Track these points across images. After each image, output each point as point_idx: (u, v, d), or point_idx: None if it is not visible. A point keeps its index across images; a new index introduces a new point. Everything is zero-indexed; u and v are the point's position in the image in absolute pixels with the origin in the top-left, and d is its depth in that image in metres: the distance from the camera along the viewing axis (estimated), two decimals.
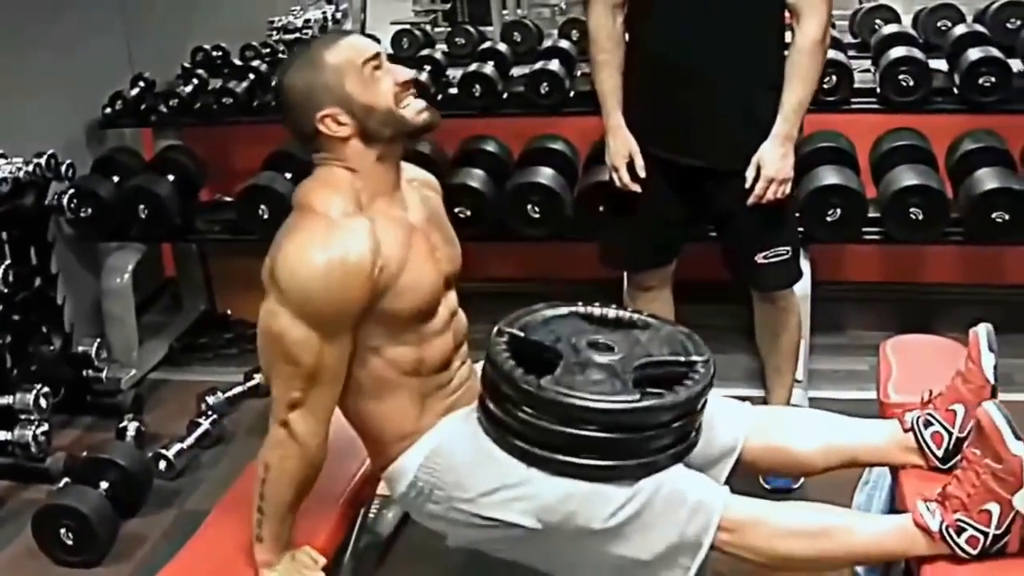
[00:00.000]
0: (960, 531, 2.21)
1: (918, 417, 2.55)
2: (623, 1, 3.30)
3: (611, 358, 2.37)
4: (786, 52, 3.25)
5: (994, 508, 2.18)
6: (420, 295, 2.36)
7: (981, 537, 2.19)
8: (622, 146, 3.35)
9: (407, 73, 2.38)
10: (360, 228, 2.25)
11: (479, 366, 2.50)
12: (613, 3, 3.30)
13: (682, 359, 2.43)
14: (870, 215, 4.19)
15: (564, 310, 2.57)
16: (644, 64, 3.31)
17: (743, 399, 2.82)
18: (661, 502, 2.29)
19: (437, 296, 2.42)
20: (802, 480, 3.47)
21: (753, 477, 3.29)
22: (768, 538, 2.33)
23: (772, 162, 3.21)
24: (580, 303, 2.61)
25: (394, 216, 2.36)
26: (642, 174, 3.33)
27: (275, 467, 2.30)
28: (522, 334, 2.44)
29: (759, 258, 3.41)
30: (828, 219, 4.11)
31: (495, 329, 2.45)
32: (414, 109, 2.36)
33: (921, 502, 2.28)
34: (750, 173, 3.22)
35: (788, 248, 3.43)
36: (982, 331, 2.54)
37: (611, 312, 2.60)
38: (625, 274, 3.71)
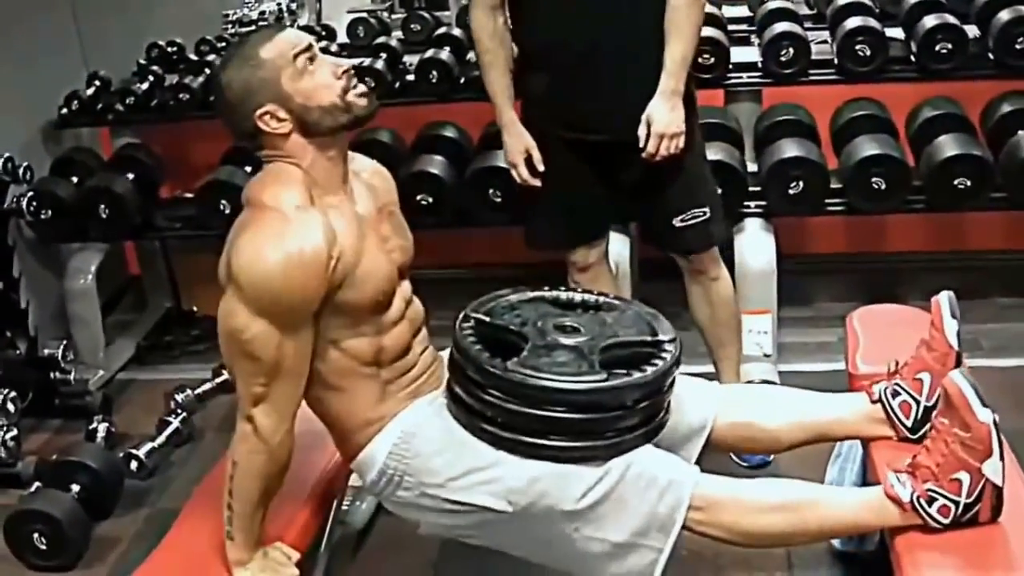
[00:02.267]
0: (931, 501, 2.21)
1: (885, 388, 2.55)
2: (500, 2, 3.32)
3: (577, 340, 2.37)
4: None
5: (964, 477, 2.18)
6: (376, 286, 2.35)
7: (952, 506, 2.20)
8: (518, 142, 3.38)
9: (343, 62, 2.37)
10: (314, 221, 2.25)
11: (445, 353, 2.50)
12: (491, 5, 3.32)
13: (648, 339, 2.43)
14: (832, 187, 4.21)
15: (530, 294, 2.58)
16: (538, 51, 3.33)
17: (708, 376, 2.83)
18: (631, 482, 2.29)
19: (392, 286, 2.42)
20: (773, 456, 3.48)
21: (725, 455, 3.30)
22: (740, 515, 2.33)
23: (661, 117, 3.20)
24: (546, 287, 2.62)
25: (345, 209, 2.35)
26: (540, 168, 3.36)
27: (242, 463, 2.29)
28: (488, 319, 2.44)
29: (676, 221, 3.41)
30: (790, 192, 4.12)
31: (461, 315, 2.45)
32: (357, 93, 2.35)
33: (892, 473, 2.29)
34: (642, 131, 3.22)
35: (706, 209, 3.43)
36: (943, 299, 2.55)
37: (577, 295, 2.61)
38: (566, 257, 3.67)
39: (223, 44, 5.53)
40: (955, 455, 2.20)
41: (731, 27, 4.77)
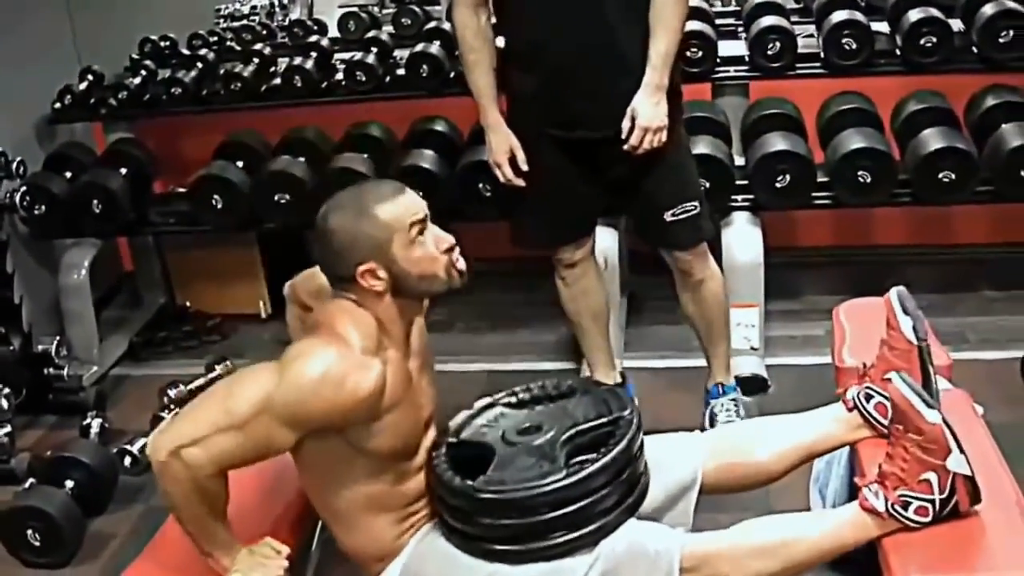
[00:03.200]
0: (906, 505, 2.23)
1: (858, 393, 2.57)
2: (484, 0, 3.33)
3: (541, 439, 2.41)
4: None
5: (931, 476, 2.21)
6: (399, 436, 2.36)
7: (928, 505, 2.22)
8: (503, 142, 3.39)
9: (448, 239, 2.37)
10: (374, 367, 2.25)
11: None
12: (475, 2, 3.32)
13: (606, 419, 2.45)
14: (819, 180, 4.23)
15: (491, 401, 2.62)
16: (526, 50, 3.33)
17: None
18: (622, 560, 2.31)
19: (418, 437, 2.44)
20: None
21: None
22: (731, 566, 2.34)
23: (645, 111, 3.22)
24: (513, 388, 2.65)
25: (399, 366, 2.36)
26: (524, 168, 3.38)
27: (172, 492, 2.24)
28: (455, 439, 2.50)
29: (667, 216, 3.42)
30: (777, 185, 4.14)
31: (434, 443, 2.49)
32: (459, 268, 2.37)
33: (865, 487, 2.31)
34: (626, 124, 3.24)
35: (695, 203, 3.44)
36: (893, 295, 2.57)
37: (537, 389, 2.63)
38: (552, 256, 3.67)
39: (215, 39, 5.55)
40: (916, 458, 2.22)
41: (718, 21, 4.79)
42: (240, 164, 4.59)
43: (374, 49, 4.89)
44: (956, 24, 4.38)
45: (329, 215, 2.35)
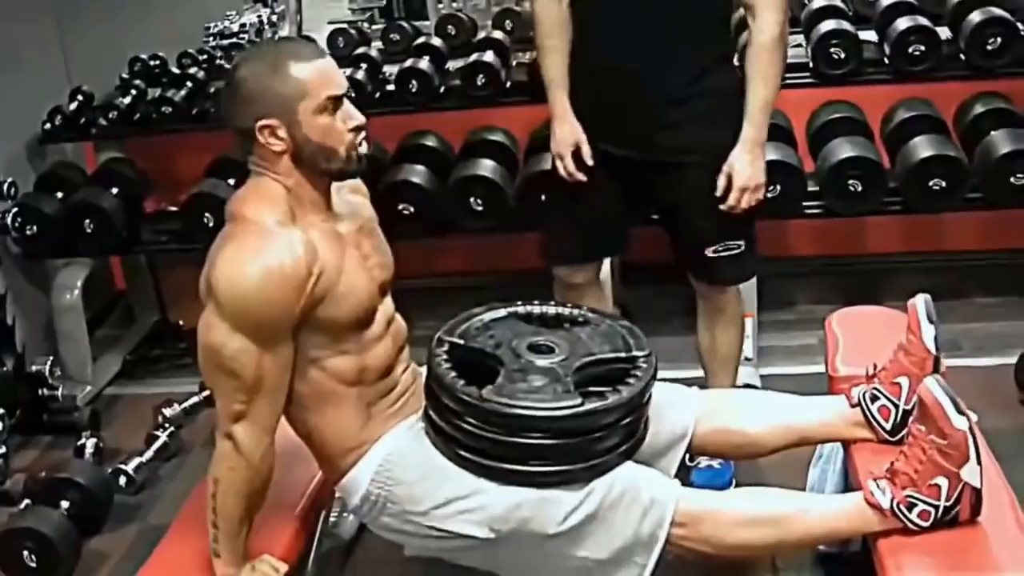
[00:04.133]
0: (911, 506, 2.24)
1: (864, 392, 2.57)
2: None
3: (552, 360, 2.37)
4: (736, 47, 3.20)
5: (943, 482, 2.21)
6: (357, 303, 2.36)
7: (932, 510, 2.23)
8: (569, 134, 3.22)
9: (359, 118, 2.35)
10: (295, 237, 2.25)
11: (425, 368, 2.51)
12: None
13: (623, 355, 2.43)
14: (809, 189, 4.24)
15: (503, 312, 2.57)
16: (588, 56, 3.20)
17: (690, 381, 2.84)
18: (614, 502, 2.31)
19: (373, 303, 2.43)
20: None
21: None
22: (722, 530, 2.36)
23: (743, 170, 3.08)
24: (519, 302, 2.61)
25: (325, 228, 2.36)
26: (589, 162, 3.22)
27: (223, 480, 2.30)
28: (461, 342, 2.44)
29: (709, 251, 3.25)
30: (768, 196, 4.11)
31: (435, 339, 2.45)
32: (360, 151, 2.36)
33: (871, 481, 2.31)
34: (722, 182, 3.09)
35: (741, 242, 3.26)
36: (920, 302, 2.56)
37: (550, 310, 2.60)
38: (553, 271, 3.55)
39: (205, 57, 5.55)
40: (933, 461, 2.23)
41: None
42: (232, 182, 4.58)
43: (364, 65, 4.90)
44: (944, 32, 4.40)
45: (242, 63, 2.35)
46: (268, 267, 2.20)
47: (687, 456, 2.67)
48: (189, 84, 5.06)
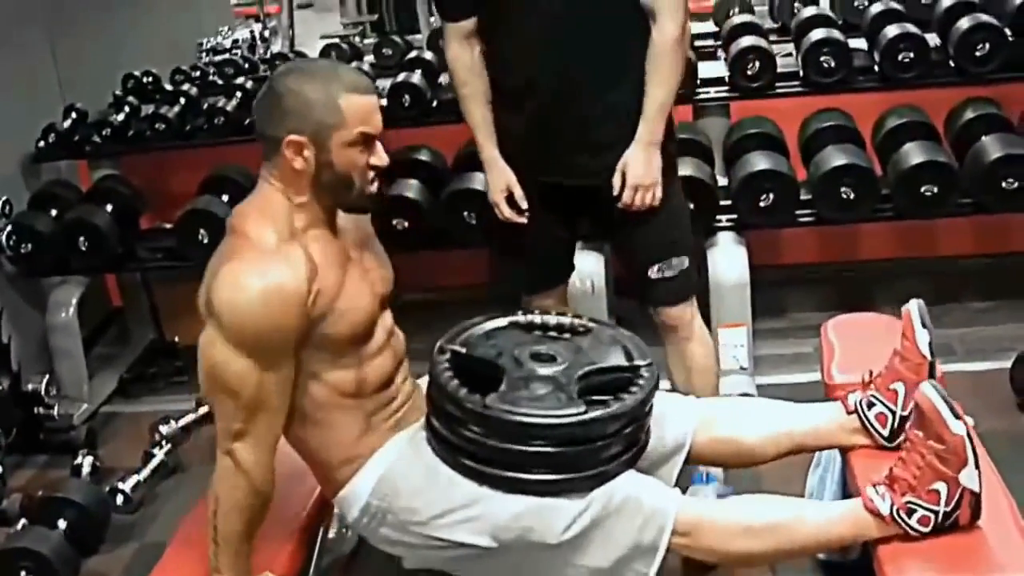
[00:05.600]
0: (911, 512, 2.24)
1: (860, 399, 2.57)
2: (475, 32, 3.17)
3: (554, 369, 2.37)
4: None
5: (942, 487, 2.21)
6: (356, 318, 2.36)
7: (932, 516, 2.23)
8: (499, 179, 3.22)
9: (384, 161, 2.37)
10: (295, 255, 2.25)
11: (424, 380, 2.51)
12: (465, 34, 3.17)
13: (626, 364, 2.43)
14: (802, 198, 4.25)
15: (504, 321, 2.57)
16: (509, 91, 3.18)
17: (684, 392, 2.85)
18: (615, 511, 2.31)
19: (373, 317, 2.43)
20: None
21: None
22: (723, 539, 2.36)
23: (636, 168, 3.09)
24: (521, 311, 2.62)
25: (327, 242, 2.36)
26: (523, 205, 3.21)
27: (224, 498, 2.30)
28: (463, 350, 2.44)
29: (652, 272, 3.25)
30: (761, 204, 4.16)
31: (437, 347, 2.45)
32: (371, 191, 2.37)
33: (871, 487, 2.31)
34: (616, 180, 3.10)
35: (683, 259, 3.27)
36: (913, 308, 2.56)
37: (552, 319, 2.59)
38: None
39: (198, 73, 5.57)
40: (931, 467, 2.22)
41: (697, 43, 4.84)
42: (226, 198, 4.59)
43: None
44: (932, 39, 4.42)
45: (291, 75, 2.35)
46: (268, 287, 2.20)
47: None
48: (182, 100, 5.08)
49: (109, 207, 4.73)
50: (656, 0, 3.02)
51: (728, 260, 4.18)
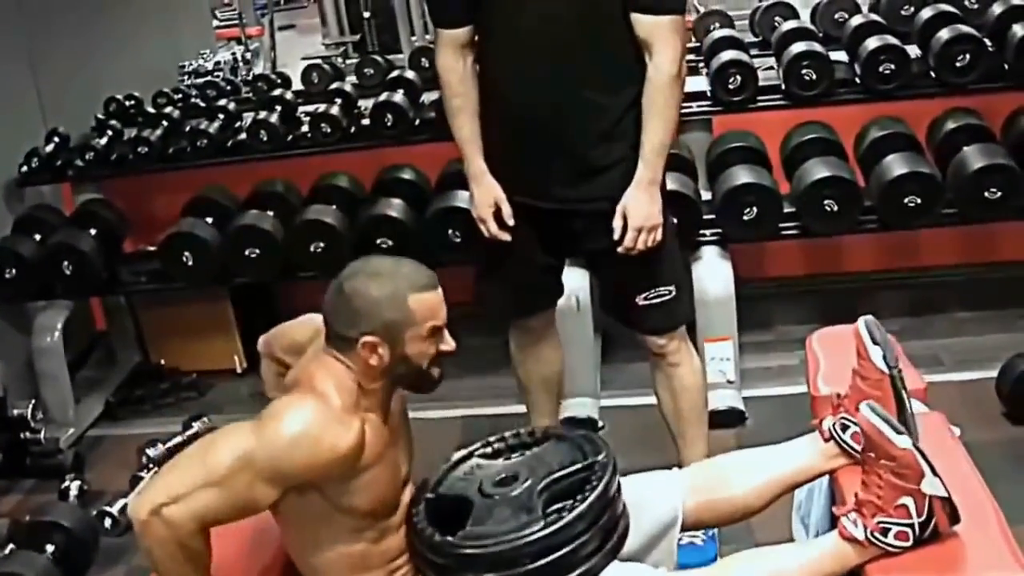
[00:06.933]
0: (885, 531, 2.24)
1: (833, 423, 2.56)
2: (469, 42, 3.11)
3: (518, 490, 2.38)
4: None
5: (908, 501, 2.21)
6: (378, 494, 2.36)
7: (908, 530, 2.23)
8: (486, 195, 3.15)
9: (452, 344, 2.37)
10: (356, 426, 2.25)
11: None
12: (460, 44, 3.10)
13: (580, 465, 2.43)
14: (786, 211, 4.26)
15: (466, 453, 2.57)
16: (498, 109, 3.12)
17: None
18: None
19: (396, 495, 2.43)
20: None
21: None
22: None
23: (637, 210, 3.02)
24: (487, 438, 2.61)
25: (378, 427, 2.35)
26: (510, 222, 3.14)
27: (155, 553, 2.20)
28: (433, 496, 2.46)
29: (640, 300, 3.19)
30: (745, 218, 4.17)
31: (410, 499, 2.48)
32: (437, 373, 2.39)
33: (843, 517, 2.31)
34: (617, 223, 3.03)
35: (671, 288, 3.20)
36: (862, 325, 2.54)
37: (511, 438, 2.60)
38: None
39: (180, 96, 5.57)
40: (890, 484, 2.23)
41: None
42: (209, 220, 4.60)
43: (338, 100, 4.94)
44: (913, 50, 4.45)
45: (358, 276, 2.34)
46: (324, 439, 2.20)
47: None
48: (165, 123, 5.08)
49: (93, 231, 4.74)
50: (651, 33, 2.96)
51: (713, 274, 4.18)
